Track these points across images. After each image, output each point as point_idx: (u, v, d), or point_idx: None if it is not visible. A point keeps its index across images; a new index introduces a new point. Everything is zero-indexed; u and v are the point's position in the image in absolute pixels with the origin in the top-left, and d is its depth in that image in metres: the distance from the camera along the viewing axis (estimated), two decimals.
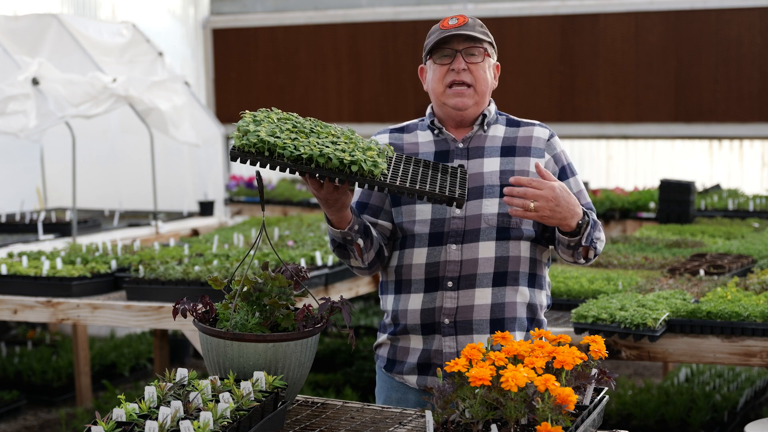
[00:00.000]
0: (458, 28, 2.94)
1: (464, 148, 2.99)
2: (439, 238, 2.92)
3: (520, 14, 10.91)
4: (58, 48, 7.92)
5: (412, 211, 2.96)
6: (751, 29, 10.19)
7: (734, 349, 3.88)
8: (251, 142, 2.54)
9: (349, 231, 2.84)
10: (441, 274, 2.91)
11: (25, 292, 4.91)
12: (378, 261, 2.98)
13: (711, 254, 5.28)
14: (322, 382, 6.91)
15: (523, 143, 3.00)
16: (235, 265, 4.89)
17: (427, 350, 2.95)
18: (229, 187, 10.09)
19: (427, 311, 2.93)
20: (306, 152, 2.55)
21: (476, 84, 2.95)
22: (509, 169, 2.95)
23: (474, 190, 2.93)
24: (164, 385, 2.35)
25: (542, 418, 2.10)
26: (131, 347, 7.71)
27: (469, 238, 2.91)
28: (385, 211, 3.01)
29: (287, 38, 11.96)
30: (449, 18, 2.99)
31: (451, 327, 2.91)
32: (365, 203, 3.01)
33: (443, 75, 2.97)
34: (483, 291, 2.91)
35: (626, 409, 5.90)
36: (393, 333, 3.02)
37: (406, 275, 2.96)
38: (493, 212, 2.91)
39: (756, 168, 10.71)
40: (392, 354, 3.03)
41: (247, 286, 2.65)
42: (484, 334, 2.90)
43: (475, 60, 2.95)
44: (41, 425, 6.51)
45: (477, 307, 2.91)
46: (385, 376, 3.07)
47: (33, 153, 8.45)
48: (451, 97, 2.96)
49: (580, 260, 2.93)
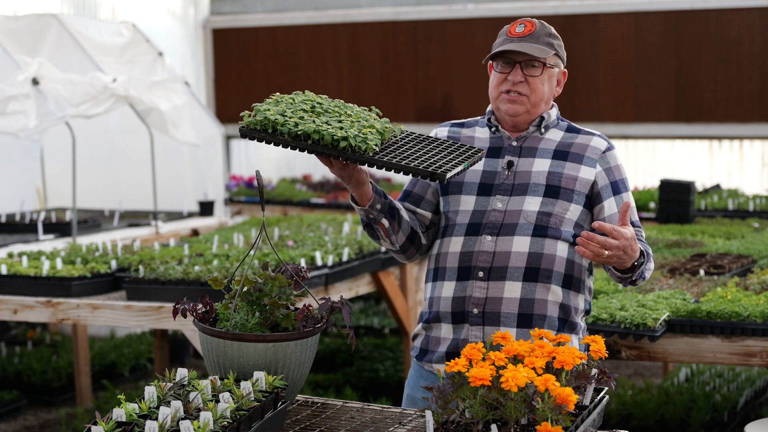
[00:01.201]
0: (522, 39, 3.01)
1: (517, 146, 3.05)
2: (476, 229, 2.98)
3: (520, 14, 10.89)
4: (58, 48, 7.91)
5: (457, 201, 3.03)
6: (751, 29, 10.19)
7: (734, 349, 3.88)
8: (258, 120, 2.68)
9: (371, 209, 2.93)
10: (473, 264, 2.96)
11: (25, 292, 4.90)
12: (411, 246, 3.06)
13: (711, 254, 5.28)
14: (322, 382, 6.91)
15: (577, 150, 3.04)
16: (235, 265, 4.89)
17: (456, 339, 2.99)
18: (229, 187, 10.09)
19: (457, 299, 2.97)
20: (302, 129, 2.65)
21: (530, 95, 3.02)
22: (558, 171, 2.99)
23: (519, 187, 2.99)
24: (164, 385, 2.35)
25: (542, 418, 2.10)
26: (131, 347, 7.71)
27: (505, 231, 2.96)
28: (426, 200, 3.10)
29: (287, 38, 11.96)
30: (518, 24, 3.06)
31: (479, 317, 2.95)
32: (409, 191, 3.13)
33: (500, 82, 3.03)
34: (513, 284, 2.94)
35: (626, 409, 5.90)
36: (427, 321, 3.07)
37: (442, 263, 3.03)
38: (533, 210, 2.95)
39: (756, 168, 10.71)
40: (425, 344, 3.08)
41: (247, 286, 2.65)
42: (511, 327, 2.93)
43: (534, 73, 3.03)
44: (41, 425, 6.51)
45: (506, 300, 2.94)
46: (416, 366, 3.13)
47: (33, 153, 8.45)
48: (504, 103, 3.02)
49: (627, 286, 3.02)
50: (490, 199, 2.99)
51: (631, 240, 2.75)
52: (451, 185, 3.05)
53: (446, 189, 3.06)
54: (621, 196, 3.03)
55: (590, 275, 3.08)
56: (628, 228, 2.77)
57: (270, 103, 2.76)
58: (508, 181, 3.01)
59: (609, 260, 2.75)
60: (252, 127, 2.71)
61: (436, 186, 3.10)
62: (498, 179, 3.01)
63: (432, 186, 3.10)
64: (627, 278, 2.91)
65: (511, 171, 3.01)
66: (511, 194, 2.98)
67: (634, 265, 2.84)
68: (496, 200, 2.99)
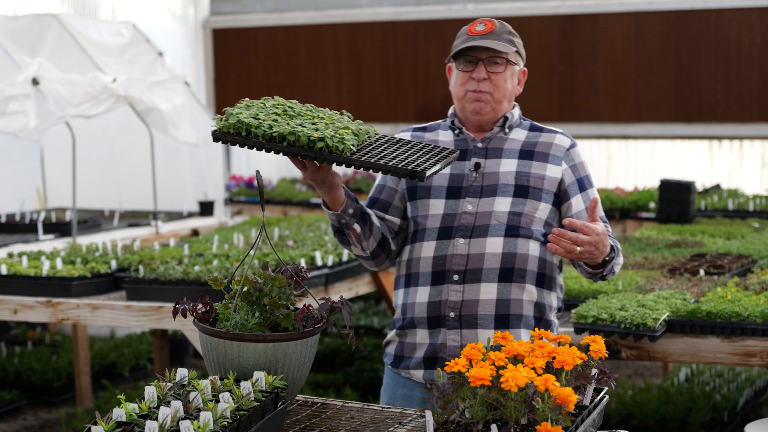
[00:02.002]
0: (483, 36, 2.99)
1: (483, 147, 3.04)
2: (448, 232, 2.97)
3: (520, 14, 10.90)
4: (58, 48, 7.91)
5: (426, 205, 3.02)
6: (751, 29, 10.19)
7: (734, 349, 3.88)
8: (231, 123, 2.65)
9: (343, 213, 2.90)
10: (447, 267, 2.95)
11: (25, 292, 4.90)
12: (382, 252, 3.04)
13: (711, 254, 5.28)
14: (322, 382, 6.91)
15: (542, 149, 3.04)
16: (235, 265, 4.89)
17: (433, 344, 2.98)
18: (229, 187, 10.09)
19: (433, 304, 2.96)
20: (277, 131, 2.62)
21: (495, 92, 3.00)
22: (526, 171, 2.99)
23: (488, 188, 2.98)
24: (164, 385, 2.35)
25: (542, 418, 2.11)
26: (131, 347, 7.71)
27: (477, 233, 2.95)
28: (394, 206, 3.08)
29: (287, 38, 11.96)
30: (477, 23, 3.04)
31: (456, 320, 2.94)
32: (376, 198, 3.10)
33: (464, 81, 3.02)
34: (488, 286, 2.93)
35: (626, 409, 5.90)
36: (401, 327, 3.05)
37: (415, 268, 3.01)
38: (504, 210, 2.95)
39: (756, 168, 10.72)
40: (399, 350, 3.06)
41: (247, 286, 2.65)
42: (488, 329, 2.93)
43: (497, 70, 3.00)
44: (41, 425, 6.51)
45: (482, 302, 2.93)
46: (391, 373, 3.11)
47: (33, 153, 8.45)
48: (470, 102, 3.01)
49: (597, 281, 3.02)
50: (459, 201, 2.98)
51: (602, 236, 2.77)
52: (419, 190, 3.03)
53: (414, 194, 3.04)
54: (587, 192, 3.05)
55: (560, 272, 3.10)
56: (599, 224, 2.79)
57: (241, 107, 2.73)
58: (476, 182, 3.00)
59: (581, 256, 2.77)
60: (225, 130, 2.67)
61: (403, 191, 3.07)
62: (466, 181, 3.00)
63: (399, 192, 3.08)
64: (597, 273, 2.93)
65: (478, 173, 3.00)
66: (481, 196, 2.97)
67: (605, 260, 2.86)
68: (466, 203, 2.98)
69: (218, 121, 2.69)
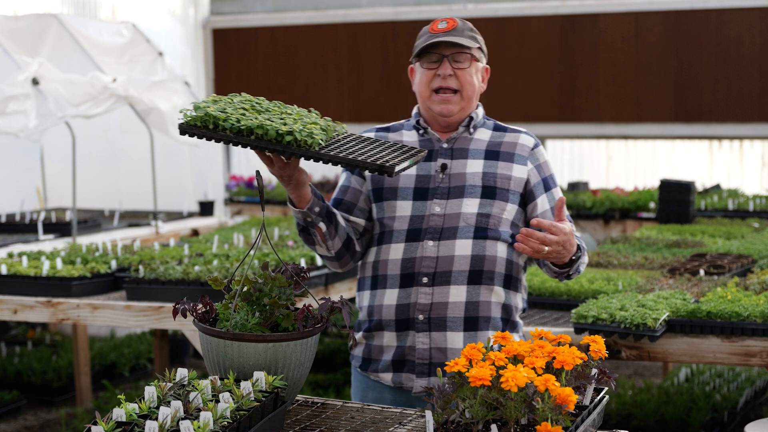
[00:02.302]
0: (447, 33, 2.96)
1: (449, 148, 3.02)
2: (416, 235, 2.95)
3: (520, 14, 10.91)
4: (58, 48, 7.91)
5: (393, 207, 2.99)
6: (751, 29, 10.19)
7: (734, 349, 3.88)
8: (198, 116, 2.63)
9: (309, 211, 2.87)
10: (417, 270, 2.93)
11: (25, 292, 4.90)
12: (347, 253, 3.00)
13: (711, 254, 5.28)
14: (322, 382, 6.91)
15: (507, 149, 3.03)
16: (235, 265, 4.89)
17: (401, 347, 2.97)
18: (229, 187, 10.09)
19: (402, 307, 2.95)
20: (246, 125, 2.60)
21: (462, 89, 2.98)
22: (492, 171, 2.98)
23: (456, 189, 2.97)
24: (164, 385, 2.35)
25: (542, 418, 2.11)
26: (131, 347, 7.71)
27: (446, 235, 2.93)
28: (359, 208, 3.05)
29: (287, 38, 11.96)
30: (439, 21, 3.01)
31: (425, 323, 2.93)
32: (340, 199, 3.06)
33: (430, 79, 2.99)
34: (458, 288, 2.92)
35: (626, 409, 5.90)
36: (367, 329, 3.04)
37: (383, 270, 2.99)
38: (472, 211, 2.94)
39: (756, 168, 10.72)
40: (367, 353, 3.05)
41: (247, 286, 2.65)
42: (458, 331, 2.92)
43: (462, 66, 2.98)
44: (41, 425, 6.51)
45: (451, 305, 2.92)
46: (360, 376, 3.09)
47: (33, 153, 8.45)
48: (437, 104, 2.99)
49: (563, 281, 3.02)
50: (427, 203, 2.96)
51: (570, 235, 2.78)
52: (386, 191, 3.01)
53: (380, 195, 3.02)
54: (552, 192, 3.05)
55: (524, 273, 3.09)
56: (566, 223, 2.79)
57: (208, 101, 2.71)
58: (443, 184, 2.98)
59: (548, 256, 2.77)
60: (192, 123, 2.64)
61: (368, 193, 3.05)
62: (433, 183, 2.98)
63: (364, 193, 3.05)
64: (563, 273, 2.94)
65: (445, 174, 2.98)
66: (448, 197, 2.96)
67: (572, 259, 2.87)
68: (434, 204, 2.96)
69: (185, 114, 2.67)
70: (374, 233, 3.04)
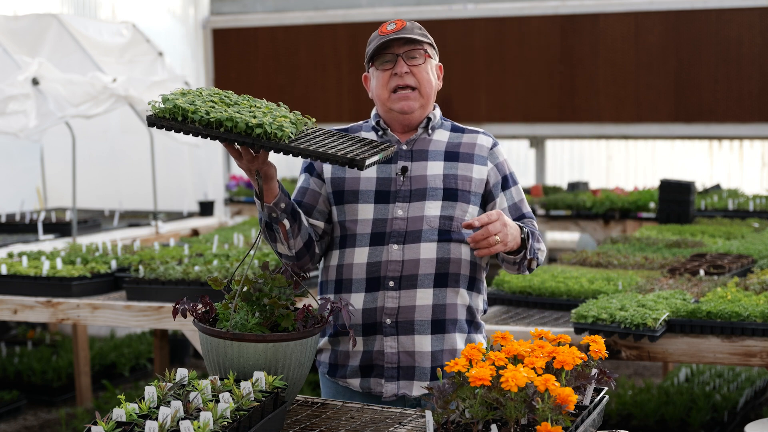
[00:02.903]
0: (396, 32, 2.95)
1: (408, 150, 3.00)
2: (380, 238, 2.93)
3: (520, 14, 10.91)
4: (58, 48, 7.92)
5: (354, 210, 2.97)
6: (751, 29, 10.19)
7: (734, 349, 3.88)
8: (167, 108, 2.62)
9: (275, 207, 2.82)
10: (383, 274, 2.92)
11: (25, 292, 4.91)
12: (307, 254, 2.96)
13: (711, 254, 5.28)
14: None
15: (466, 149, 3.02)
16: (235, 265, 4.89)
17: (369, 351, 2.95)
18: (229, 187, 10.09)
19: (368, 311, 2.93)
20: (215, 117, 2.59)
21: (420, 86, 2.96)
22: (452, 173, 2.97)
23: (417, 192, 2.95)
24: (164, 385, 2.35)
25: (542, 418, 2.11)
26: (131, 347, 7.71)
27: (411, 238, 2.92)
28: (318, 210, 3.01)
29: (287, 38, 11.96)
30: (387, 24, 3.00)
31: (393, 327, 2.92)
32: (299, 201, 3.02)
33: (387, 80, 2.97)
34: (424, 291, 2.92)
35: (626, 409, 5.90)
36: (333, 335, 3.02)
37: (347, 275, 2.96)
38: (435, 214, 2.93)
39: (756, 168, 10.72)
40: (333, 359, 3.02)
41: (247, 286, 2.65)
42: (425, 334, 2.92)
43: (417, 62, 2.96)
44: (41, 425, 6.51)
45: (419, 308, 2.92)
46: (328, 382, 3.06)
47: (33, 153, 8.45)
48: (397, 102, 2.96)
49: (525, 272, 3.01)
50: (389, 206, 2.94)
51: (500, 215, 2.76)
52: (346, 194, 2.98)
53: (341, 198, 2.99)
54: (511, 190, 3.05)
55: (485, 272, 3.09)
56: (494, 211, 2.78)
57: (176, 94, 2.70)
58: (404, 186, 2.96)
59: (507, 244, 2.77)
60: (161, 115, 2.64)
61: (328, 195, 3.02)
62: (394, 185, 2.96)
63: (323, 195, 3.02)
64: (521, 259, 2.92)
65: (406, 176, 2.96)
66: (410, 200, 2.94)
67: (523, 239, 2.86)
68: (397, 207, 2.94)
69: (153, 107, 2.66)
70: (335, 236, 3.01)
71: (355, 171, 2.96)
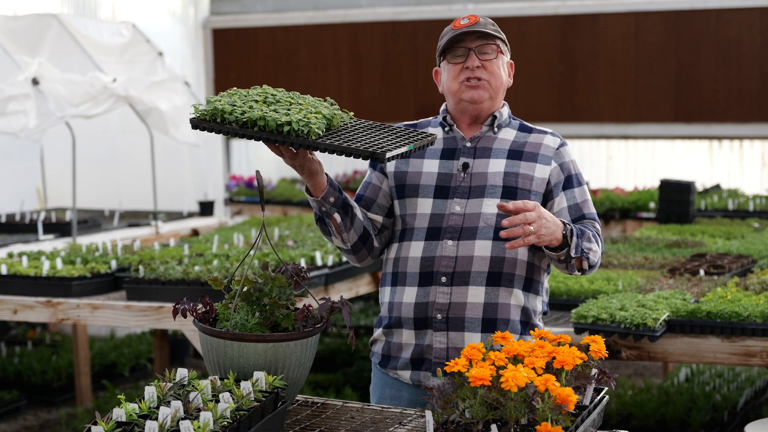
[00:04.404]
0: (470, 26, 2.97)
1: (472, 147, 3.00)
2: (436, 233, 2.94)
3: (520, 14, 10.91)
4: (58, 48, 7.91)
5: (414, 204, 2.99)
6: (751, 29, 10.19)
7: (734, 349, 3.88)
8: (207, 110, 2.69)
9: (323, 201, 2.86)
10: (435, 269, 2.92)
11: (25, 292, 4.91)
12: (363, 247, 2.99)
13: (711, 254, 5.28)
14: (322, 382, 6.91)
15: (531, 149, 3.00)
16: (235, 265, 4.89)
17: (420, 345, 2.96)
18: (229, 187, 10.09)
19: (420, 305, 2.94)
20: (249, 117, 2.64)
21: (491, 79, 2.97)
22: (514, 171, 2.95)
23: (476, 189, 2.94)
24: (164, 385, 2.35)
25: (542, 418, 2.11)
26: (131, 347, 7.71)
27: (466, 235, 2.92)
28: (377, 204, 3.04)
29: (287, 38, 11.96)
30: (461, 18, 3.02)
31: (443, 323, 2.92)
32: (360, 195, 3.07)
33: (458, 73, 2.98)
34: (476, 289, 2.91)
35: (626, 409, 5.90)
36: (387, 326, 3.03)
37: (402, 267, 2.98)
38: (493, 212, 2.92)
39: (756, 168, 10.72)
40: (386, 350, 3.04)
41: (247, 286, 2.65)
42: (475, 332, 2.91)
43: (489, 57, 2.97)
44: (41, 425, 6.51)
45: (469, 305, 2.91)
46: (380, 373, 3.08)
47: (33, 153, 8.45)
48: (467, 91, 2.97)
49: (575, 272, 2.94)
50: (447, 202, 2.95)
51: (537, 206, 2.70)
52: (408, 188, 3.00)
53: (402, 192, 3.01)
54: (573, 191, 3.00)
55: (547, 275, 3.06)
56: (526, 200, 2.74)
57: (224, 95, 2.76)
58: (464, 183, 2.96)
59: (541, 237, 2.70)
60: (202, 117, 2.70)
61: (390, 189, 3.04)
62: (454, 181, 2.97)
63: (384, 189, 3.04)
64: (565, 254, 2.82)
65: (466, 173, 2.97)
66: (469, 197, 2.94)
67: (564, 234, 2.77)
68: (454, 203, 2.94)
69: (196, 109, 2.72)
70: (396, 229, 3.04)
71: (418, 165, 2.99)
